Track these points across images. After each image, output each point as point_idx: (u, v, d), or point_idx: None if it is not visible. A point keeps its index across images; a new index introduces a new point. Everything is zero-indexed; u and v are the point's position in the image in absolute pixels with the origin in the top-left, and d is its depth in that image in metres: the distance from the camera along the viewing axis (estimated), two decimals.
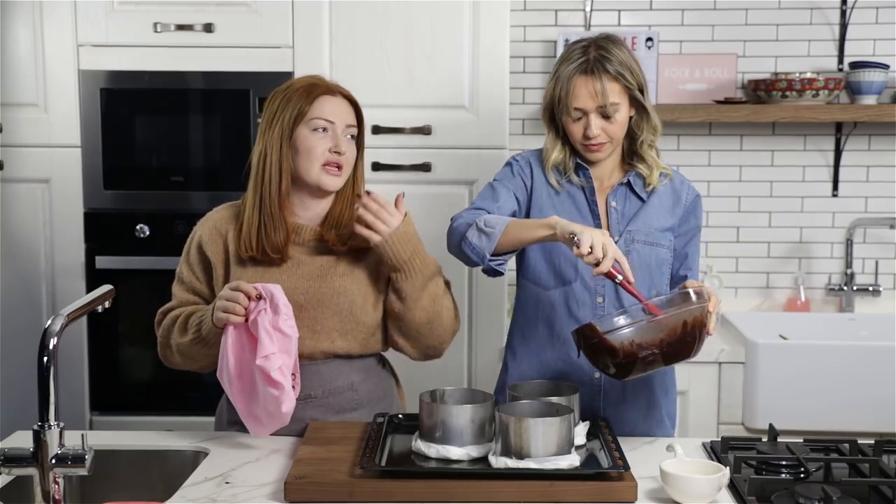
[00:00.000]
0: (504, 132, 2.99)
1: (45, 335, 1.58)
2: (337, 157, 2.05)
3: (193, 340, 2.01)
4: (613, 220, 2.16)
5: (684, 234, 2.20)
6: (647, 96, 2.15)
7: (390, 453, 1.85)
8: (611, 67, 2.07)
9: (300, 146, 2.05)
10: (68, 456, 1.59)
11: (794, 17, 3.39)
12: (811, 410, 2.92)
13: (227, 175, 3.02)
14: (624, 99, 2.10)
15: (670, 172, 2.21)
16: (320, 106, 2.06)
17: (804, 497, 1.66)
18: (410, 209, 2.19)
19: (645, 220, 2.16)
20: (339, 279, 2.07)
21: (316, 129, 2.05)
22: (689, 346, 1.86)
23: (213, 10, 2.97)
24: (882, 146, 3.42)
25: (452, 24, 2.95)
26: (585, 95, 2.08)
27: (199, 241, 2.12)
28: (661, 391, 2.22)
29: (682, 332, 1.84)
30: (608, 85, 2.07)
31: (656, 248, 2.15)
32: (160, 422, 2.86)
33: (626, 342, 1.83)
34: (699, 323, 1.86)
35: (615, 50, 2.10)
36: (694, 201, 2.21)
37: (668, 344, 1.84)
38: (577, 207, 2.17)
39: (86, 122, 3.01)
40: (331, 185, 2.07)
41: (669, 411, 2.25)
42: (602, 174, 2.19)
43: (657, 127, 2.17)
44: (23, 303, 3.06)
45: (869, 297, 3.43)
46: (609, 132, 2.11)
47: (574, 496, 1.69)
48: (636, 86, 2.11)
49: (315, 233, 2.10)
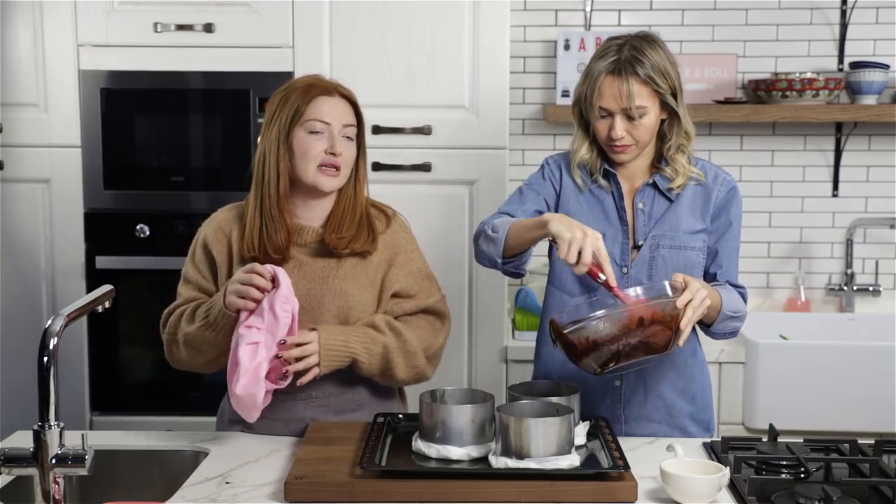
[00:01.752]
0: (504, 132, 2.99)
1: (45, 335, 1.58)
2: (332, 158, 2.04)
3: (202, 326, 1.99)
4: (640, 223, 2.11)
5: (715, 230, 2.13)
6: (682, 100, 2.08)
7: (390, 453, 1.85)
8: (641, 70, 2.01)
9: (296, 148, 2.05)
10: (68, 456, 1.59)
11: (794, 17, 3.39)
12: (811, 410, 2.92)
13: (227, 175, 3.02)
14: (653, 102, 2.04)
15: (703, 178, 2.12)
16: (316, 107, 2.05)
17: (804, 497, 1.66)
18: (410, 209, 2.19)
19: (672, 223, 2.10)
20: (340, 282, 2.07)
21: (312, 131, 2.04)
22: (655, 341, 1.83)
23: (214, 10, 2.97)
24: (882, 146, 3.42)
25: (452, 24, 2.95)
26: (610, 96, 2.03)
27: (203, 240, 2.12)
28: (686, 398, 2.16)
29: (639, 327, 1.81)
30: (635, 88, 2.01)
31: (684, 251, 2.09)
32: (160, 422, 2.86)
33: (582, 338, 1.82)
34: (661, 318, 1.83)
35: (650, 51, 2.03)
36: (727, 196, 2.12)
37: (627, 339, 1.81)
38: (604, 212, 2.13)
39: (86, 122, 3.01)
40: (327, 185, 2.06)
41: (699, 417, 2.18)
42: (632, 175, 2.14)
43: (689, 133, 2.10)
44: (23, 303, 3.06)
45: (869, 297, 3.43)
46: (635, 135, 2.05)
47: (574, 496, 1.69)
48: (668, 90, 2.04)
49: (317, 234, 2.09)
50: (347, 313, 2.06)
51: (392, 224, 2.16)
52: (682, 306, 1.85)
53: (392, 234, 2.15)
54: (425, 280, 2.16)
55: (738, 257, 2.17)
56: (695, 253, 2.11)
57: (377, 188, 2.27)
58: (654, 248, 2.10)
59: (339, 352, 1.99)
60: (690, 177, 2.11)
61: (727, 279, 2.13)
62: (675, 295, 1.86)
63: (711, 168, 2.16)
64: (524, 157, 3.39)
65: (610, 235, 2.10)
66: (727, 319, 2.05)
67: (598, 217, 2.12)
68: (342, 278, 2.07)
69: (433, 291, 2.17)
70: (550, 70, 3.39)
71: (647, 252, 2.10)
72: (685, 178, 2.10)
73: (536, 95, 3.42)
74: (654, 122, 2.07)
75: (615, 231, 2.11)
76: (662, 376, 2.14)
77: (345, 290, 2.07)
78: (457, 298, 2.93)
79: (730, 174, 2.17)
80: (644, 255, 2.10)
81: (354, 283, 2.08)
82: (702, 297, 1.88)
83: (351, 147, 2.09)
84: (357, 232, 2.08)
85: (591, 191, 2.14)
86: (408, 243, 2.17)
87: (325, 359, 1.97)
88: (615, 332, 1.81)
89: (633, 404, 2.15)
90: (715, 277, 2.12)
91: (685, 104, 2.10)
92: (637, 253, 2.11)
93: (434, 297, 2.17)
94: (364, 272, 2.09)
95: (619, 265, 2.10)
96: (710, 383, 2.24)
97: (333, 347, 1.98)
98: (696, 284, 1.89)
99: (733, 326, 2.09)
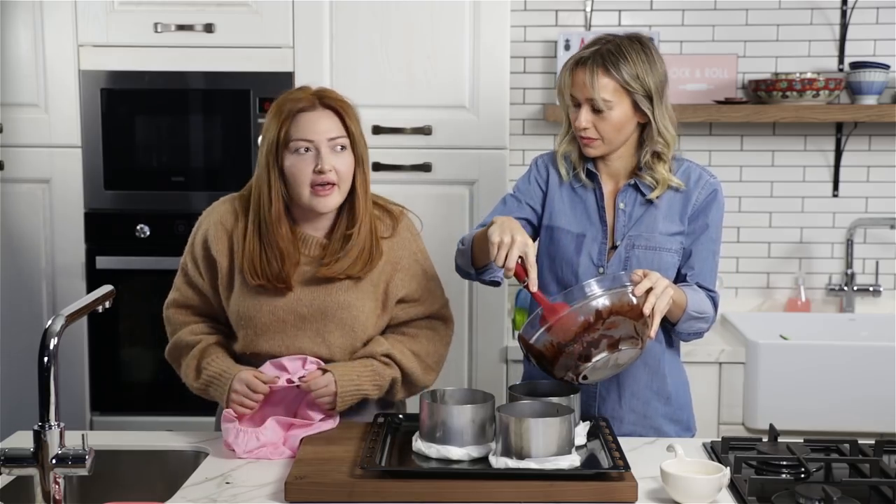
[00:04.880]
0: (504, 132, 2.99)
1: (45, 335, 1.58)
2: (321, 176, 1.98)
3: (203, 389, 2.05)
4: (620, 223, 2.14)
5: (691, 232, 2.14)
6: (660, 106, 2.08)
7: (390, 453, 1.85)
8: (611, 66, 2.04)
9: (288, 172, 2.00)
10: (69, 456, 1.59)
11: (794, 18, 3.39)
12: (811, 410, 2.92)
13: (227, 175, 3.02)
14: (620, 99, 2.06)
15: (682, 187, 2.12)
16: (297, 126, 1.99)
17: (805, 497, 1.66)
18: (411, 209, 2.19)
19: (649, 224, 2.12)
20: (343, 293, 2.05)
21: (297, 151, 1.99)
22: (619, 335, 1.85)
23: (214, 11, 2.97)
24: (882, 146, 3.42)
25: (452, 24, 2.95)
26: (576, 85, 2.08)
27: (204, 235, 2.10)
28: (661, 399, 2.18)
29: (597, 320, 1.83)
30: (602, 81, 2.04)
31: (659, 252, 2.11)
32: (160, 422, 2.85)
33: (546, 343, 1.86)
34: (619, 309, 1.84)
35: (631, 51, 2.05)
36: (707, 199, 2.13)
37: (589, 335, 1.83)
38: (586, 211, 2.16)
39: (86, 123, 3.01)
40: (322, 206, 2.01)
41: (677, 417, 2.20)
42: (615, 176, 2.17)
43: (667, 139, 2.10)
44: (23, 303, 3.06)
45: (869, 298, 3.43)
46: (600, 128, 2.08)
47: (574, 496, 1.69)
48: (641, 91, 2.05)
49: (321, 245, 2.07)
50: (352, 323, 2.05)
51: (398, 227, 2.12)
52: (640, 294, 1.87)
53: (398, 237, 2.12)
54: (430, 282, 2.15)
55: (714, 262, 2.17)
56: (670, 254, 2.12)
57: (377, 188, 2.26)
58: (629, 249, 2.12)
59: (352, 394, 2.02)
60: (670, 185, 2.12)
61: (698, 281, 2.13)
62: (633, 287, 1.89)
63: (696, 169, 2.16)
64: (524, 157, 3.39)
65: (590, 235, 2.14)
66: (692, 319, 2.07)
67: (581, 216, 2.16)
68: (346, 289, 2.05)
69: (438, 295, 2.17)
70: (550, 70, 3.39)
71: (623, 252, 2.12)
72: (663, 188, 2.12)
73: (536, 95, 3.42)
74: (622, 119, 2.08)
75: (595, 230, 2.15)
76: (636, 377, 2.16)
77: (349, 301, 2.05)
78: (457, 299, 2.92)
79: (714, 176, 2.17)
80: (619, 254, 2.12)
81: (358, 294, 2.06)
82: (663, 285, 1.90)
83: (344, 158, 2.01)
84: (357, 258, 2.03)
85: (575, 190, 2.17)
86: (414, 244, 2.14)
87: (340, 402, 2.00)
88: (575, 330, 1.83)
89: (609, 404, 2.17)
90: (685, 278, 2.14)
91: (666, 111, 2.10)
92: (614, 253, 2.13)
93: (439, 301, 2.16)
94: (368, 279, 2.07)
95: (596, 265, 2.13)
96: (686, 382, 2.26)
97: (348, 391, 2.00)
98: (655, 275, 1.91)
99: (698, 327, 2.11)
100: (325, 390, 1.98)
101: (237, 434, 1.93)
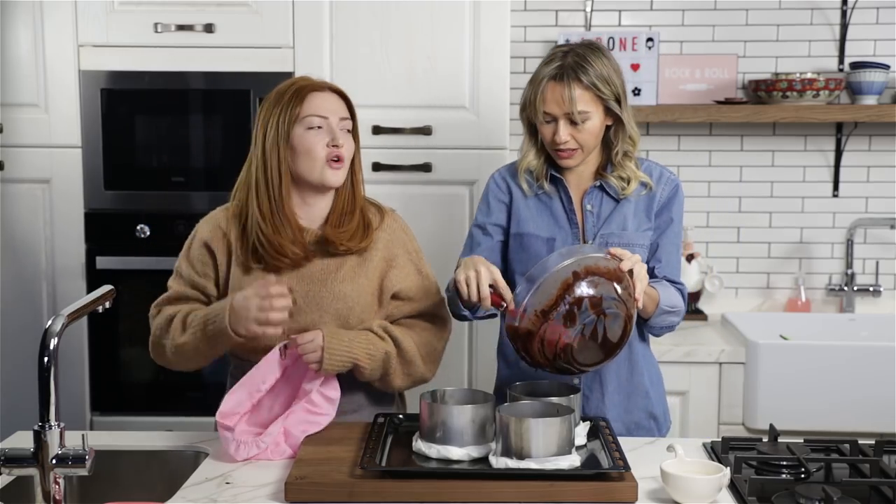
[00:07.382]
0: (504, 132, 2.99)
1: (45, 335, 1.58)
2: (336, 150, 2.04)
3: (197, 338, 1.99)
4: (589, 223, 2.19)
5: (658, 227, 2.21)
6: (626, 106, 2.15)
7: (391, 453, 1.85)
8: (584, 76, 2.09)
9: (298, 147, 2.04)
10: (69, 456, 1.59)
11: (794, 18, 3.39)
12: (811, 410, 2.92)
13: (227, 175, 2.98)
14: (595, 108, 2.12)
15: (650, 183, 2.20)
16: (311, 103, 2.05)
17: (805, 497, 1.66)
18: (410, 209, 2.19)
19: (619, 222, 2.18)
20: (339, 284, 2.06)
21: (311, 127, 2.04)
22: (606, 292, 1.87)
23: (214, 11, 2.97)
24: (882, 146, 3.42)
25: (452, 24, 2.95)
26: (553, 101, 2.10)
27: (202, 237, 2.11)
28: (640, 393, 2.23)
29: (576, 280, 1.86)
30: (577, 93, 2.09)
31: (633, 248, 2.15)
32: (160, 422, 2.86)
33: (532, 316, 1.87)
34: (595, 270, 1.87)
35: (593, 59, 2.11)
36: (670, 194, 2.21)
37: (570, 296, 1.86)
38: (553, 216, 2.21)
39: (86, 123, 3.01)
40: (334, 180, 2.06)
41: (655, 411, 2.26)
42: (580, 180, 2.22)
43: (634, 138, 2.18)
44: (23, 303, 3.06)
45: (869, 298, 3.43)
46: (579, 139, 2.13)
47: (574, 496, 1.69)
48: (611, 96, 2.12)
49: (316, 235, 2.09)
50: (347, 315, 2.06)
51: (386, 220, 2.16)
52: (626, 269, 1.91)
53: (390, 231, 2.14)
54: (425, 281, 2.16)
55: (679, 254, 2.26)
56: (642, 250, 2.18)
57: (377, 188, 2.27)
58: (602, 246, 2.14)
59: (341, 356, 1.98)
60: (640, 181, 2.19)
61: (666, 275, 2.20)
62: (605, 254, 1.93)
63: (656, 168, 2.24)
64: None
65: (560, 238, 2.19)
66: (664, 314, 2.13)
67: (548, 221, 2.20)
68: (341, 280, 2.07)
69: (434, 294, 2.17)
70: None
71: None
72: (636, 183, 2.18)
73: None
74: (598, 126, 2.14)
75: (565, 234, 2.20)
76: (618, 373, 2.22)
77: (344, 293, 2.06)
78: None
79: (673, 174, 2.26)
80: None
81: (353, 285, 2.07)
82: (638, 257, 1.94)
83: (349, 140, 2.09)
84: (356, 230, 2.08)
85: (539, 196, 2.22)
86: (408, 243, 2.17)
87: (327, 360, 1.96)
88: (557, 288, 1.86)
89: (593, 402, 2.21)
90: (653, 272, 2.19)
91: (630, 110, 2.18)
92: None
93: (434, 300, 2.17)
94: (364, 273, 2.09)
95: None
96: (660, 375, 2.32)
97: (337, 351, 1.97)
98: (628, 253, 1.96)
99: (670, 321, 2.17)
100: (312, 345, 1.95)
101: (237, 446, 1.91)
